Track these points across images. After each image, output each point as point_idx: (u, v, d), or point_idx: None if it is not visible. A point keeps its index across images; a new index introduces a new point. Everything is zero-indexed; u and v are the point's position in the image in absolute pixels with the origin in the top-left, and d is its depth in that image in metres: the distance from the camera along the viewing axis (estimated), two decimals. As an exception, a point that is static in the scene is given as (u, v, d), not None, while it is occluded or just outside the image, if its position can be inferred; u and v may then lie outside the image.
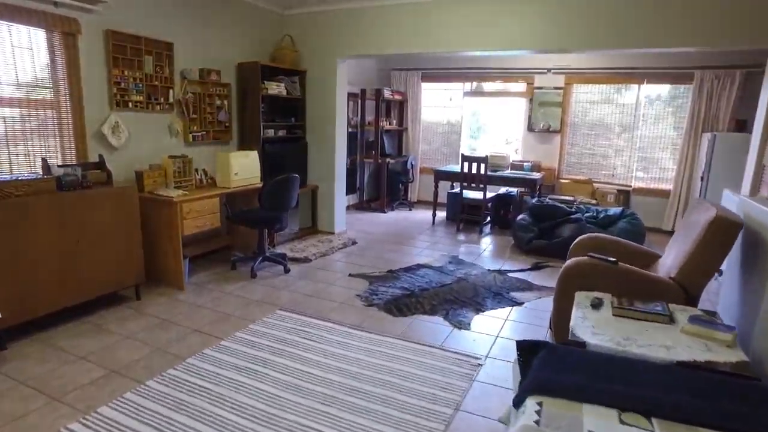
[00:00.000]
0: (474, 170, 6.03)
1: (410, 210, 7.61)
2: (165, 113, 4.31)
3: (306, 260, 4.78)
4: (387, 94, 7.25)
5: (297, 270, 4.52)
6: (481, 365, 2.88)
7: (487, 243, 5.77)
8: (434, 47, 4.89)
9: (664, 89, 6.44)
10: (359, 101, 7.25)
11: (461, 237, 6.00)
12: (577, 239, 3.58)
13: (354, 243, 5.50)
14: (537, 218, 5.54)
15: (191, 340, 3.07)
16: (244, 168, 4.48)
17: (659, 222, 6.59)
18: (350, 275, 4.41)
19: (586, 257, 3.01)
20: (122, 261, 3.50)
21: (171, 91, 4.28)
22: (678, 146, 6.39)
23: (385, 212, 7.32)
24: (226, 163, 4.33)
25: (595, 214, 5.88)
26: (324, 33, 5.44)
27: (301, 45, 5.58)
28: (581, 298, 2.74)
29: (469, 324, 3.44)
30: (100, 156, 3.59)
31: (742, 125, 5.78)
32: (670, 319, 2.44)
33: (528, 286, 4.23)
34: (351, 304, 3.75)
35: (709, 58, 6.07)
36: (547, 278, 4.50)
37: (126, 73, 3.89)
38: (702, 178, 5.78)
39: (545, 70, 6.93)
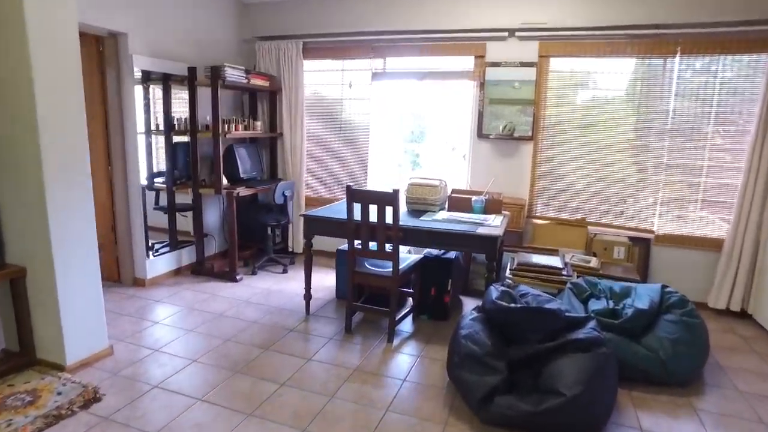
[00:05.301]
0: (375, 217, 3.03)
1: (285, 272, 4.51)
2: None
3: None
4: (233, 76, 4.12)
5: None
6: None
7: (401, 373, 2.78)
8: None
9: (711, 62, 3.67)
10: (189, 88, 4.12)
11: (354, 355, 2.98)
12: None
13: (93, 400, 2.35)
14: (500, 335, 2.56)
15: None
16: None
17: (702, 294, 3.82)
18: None
19: None
20: None
21: None
22: (740, 166, 3.64)
23: (237, 280, 4.21)
24: None
25: (609, 303, 2.99)
26: None
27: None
28: None
29: None
30: None
31: None
32: None
33: None
34: None
35: (794, 6, 3.35)
36: None
37: None
38: (807, 229, 3.03)
39: (505, 33, 4.02)
